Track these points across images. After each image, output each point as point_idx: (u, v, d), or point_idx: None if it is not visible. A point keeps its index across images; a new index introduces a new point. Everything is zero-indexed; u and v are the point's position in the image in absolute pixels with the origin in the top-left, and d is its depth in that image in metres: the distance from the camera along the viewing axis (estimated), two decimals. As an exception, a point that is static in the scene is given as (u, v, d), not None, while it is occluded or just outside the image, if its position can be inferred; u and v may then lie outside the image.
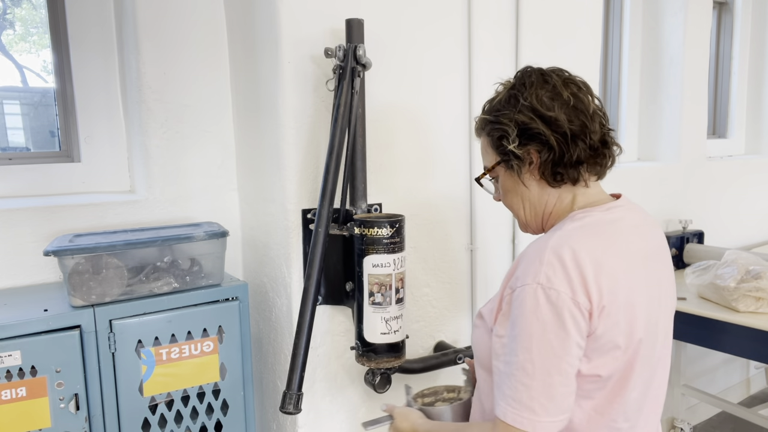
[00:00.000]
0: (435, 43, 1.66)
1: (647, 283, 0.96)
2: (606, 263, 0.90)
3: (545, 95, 0.98)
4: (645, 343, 0.94)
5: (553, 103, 0.98)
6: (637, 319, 0.92)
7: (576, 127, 0.97)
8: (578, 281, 0.87)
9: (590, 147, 0.98)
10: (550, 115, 0.97)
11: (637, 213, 1.04)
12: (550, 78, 1.00)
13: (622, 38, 2.84)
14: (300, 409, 1.26)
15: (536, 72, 1.02)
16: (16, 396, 1.22)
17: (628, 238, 0.97)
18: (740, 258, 2.09)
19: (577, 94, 0.99)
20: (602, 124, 1.01)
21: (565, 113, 0.98)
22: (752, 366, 3.37)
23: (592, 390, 0.92)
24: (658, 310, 0.99)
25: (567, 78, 1.01)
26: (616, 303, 0.89)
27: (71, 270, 1.29)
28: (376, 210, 1.56)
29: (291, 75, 1.44)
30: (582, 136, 0.98)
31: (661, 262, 1.03)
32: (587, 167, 1.01)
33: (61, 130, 1.73)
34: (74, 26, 1.69)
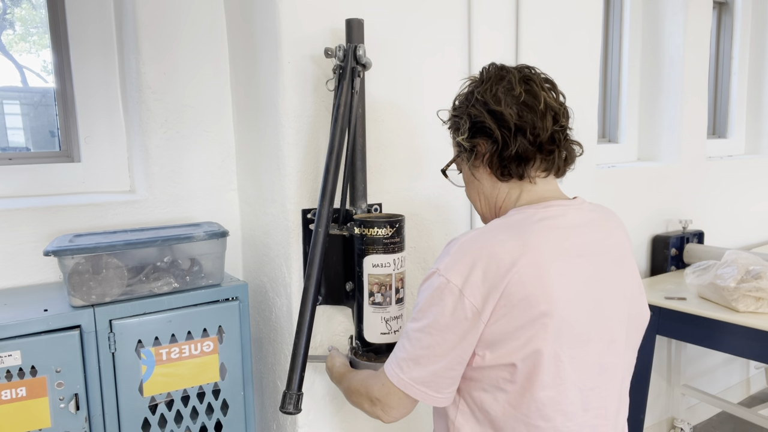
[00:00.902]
0: (435, 42, 1.66)
1: (574, 281, 0.95)
2: (508, 258, 0.92)
3: (499, 90, 1.02)
4: (563, 340, 0.93)
5: (504, 98, 1.01)
6: (549, 315, 0.92)
7: (521, 122, 1.00)
8: (474, 276, 0.93)
9: (533, 143, 1.01)
10: (497, 109, 1.01)
11: (587, 214, 1.04)
12: (507, 74, 1.03)
13: (622, 38, 2.84)
14: (300, 409, 1.26)
15: (496, 67, 1.06)
16: (16, 396, 1.22)
17: (555, 234, 0.97)
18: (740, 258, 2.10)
19: (531, 90, 1.02)
20: (555, 120, 1.02)
21: (514, 108, 1.00)
22: (752, 366, 3.37)
23: (504, 382, 0.96)
24: (595, 305, 0.97)
25: (526, 75, 1.04)
26: (515, 296, 0.91)
27: (71, 270, 1.29)
28: (376, 210, 1.56)
29: (291, 75, 1.44)
30: (526, 130, 1.00)
31: (608, 266, 1.01)
32: (534, 164, 1.03)
33: (61, 130, 1.73)
34: (74, 26, 1.69)
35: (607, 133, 2.91)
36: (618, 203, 2.54)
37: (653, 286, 2.43)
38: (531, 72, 1.05)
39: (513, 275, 0.91)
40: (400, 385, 1.00)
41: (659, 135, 2.85)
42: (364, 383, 1.10)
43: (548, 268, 0.93)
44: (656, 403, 2.84)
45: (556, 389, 0.94)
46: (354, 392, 1.14)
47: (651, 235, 2.70)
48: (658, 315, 2.23)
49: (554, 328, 0.92)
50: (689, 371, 2.98)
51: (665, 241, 2.64)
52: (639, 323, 1.07)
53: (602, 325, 0.98)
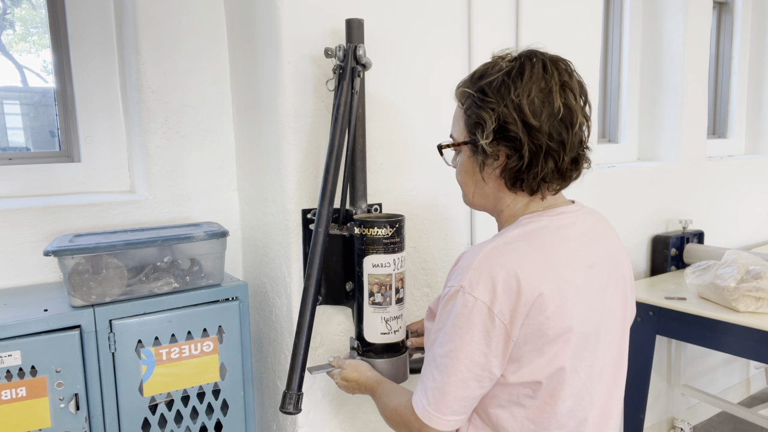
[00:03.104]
0: (435, 42, 1.66)
1: (588, 293, 0.93)
2: (536, 274, 0.88)
3: (537, 96, 0.92)
4: (581, 352, 0.93)
5: (542, 110, 0.92)
6: (571, 331, 0.90)
7: (554, 143, 0.92)
8: (501, 292, 0.87)
9: (558, 168, 0.95)
10: (534, 124, 0.91)
11: (589, 219, 1.01)
12: (551, 77, 0.93)
13: (622, 38, 2.84)
14: (300, 409, 1.26)
15: (540, 63, 0.94)
16: (16, 396, 1.22)
17: (571, 246, 0.94)
18: (740, 258, 2.09)
19: (568, 104, 0.93)
20: (581, 141, 0.96)
21: (549, 125, 0.92)
22: (752, 366, 3.37)
23: (525, 398, 0.93)
24: (601, 315, 0.96)
25: (565, 82, 0.94)
26: (542, 313, 0.88)
27: (71, 270, 1.29)
28: (376, 210, 1.56)
29: (291, 75, 1.44)
30: (555, 154, 0.93)
31: (611, 271, 0.99)
32: (551, 185, 0.98)
33: (61, 130, 1.73)
34: (74, 26, 1.69)
35: (607, 133, 2.91)
36: (618, 203, 2.54)
37: (653, 286, 2.43)
38: (570, 75, 0.96)
39: (539, 293, 0.87)
40: (426, 418, 0.94)
41: (659, 135, 2.85)
42: (399, 411, 1.03)
43: (568, 284, 0.90)
44: (656, 403, 2.84)
45: (573, 399, 0.93)
46: (391, 418, 1.07)
47: (651, 235, 2.70)
48: (658, 315, 2.23)
49: (574, 343, 0.91)
50: (689, 371, 2.98)
51: (665, 241, 2.64)
52: (630, 321, 1.08)
53: (607, 331, 0.98)
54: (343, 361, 1.32)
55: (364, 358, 1.39)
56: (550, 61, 0.95)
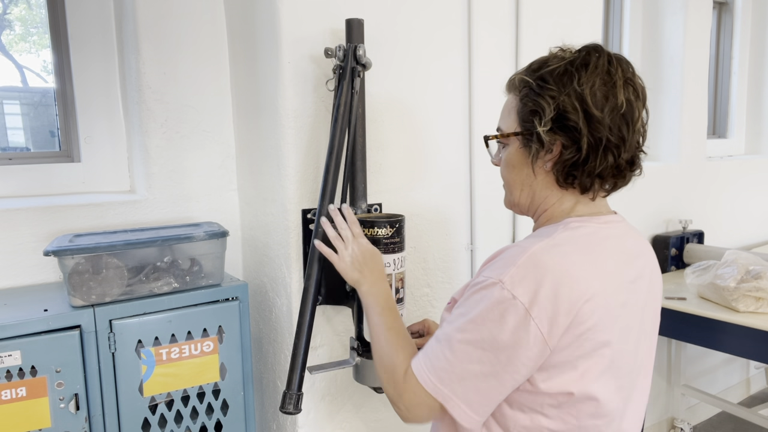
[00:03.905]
0: (435, 42, 1.66)
1: (629, 309, 0.90)
2: (584, 283, 0.84)
3: (600, 89, 0.87)
4: (616, 371, 0.89)
5: (605, 102, 0.87)
6: (609, 345, 0.87)
7: (614, 138, 0.88)
8: (543, 296, 0.82)
9: (617, 165, 0.90)
10: (597, 114, 0.87)
11: (631, 233, 0.98)
12: (615, 71, 0.89)
13: (622, 38, 2.84)
14: (300, 409, 1.26)
15: (605, 57, 0.90)
16: (16, 396, 1.22)
17: (618, 259, 0.91)
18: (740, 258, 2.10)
19: (631, 101, 0.89)
20: (638, 142, 0.92)
21: (611, 119, 0.87)
22: (752, 366, 3.37)
23: (549, 407, 0.88)
24: (638, 334, 0.93)
25: (629, 78, 0.90)
26: (584, 324, 0.84)
27: (71, 270, 1.29)
28: (376, 210, 1.56)
29: (291, 75, 1.44)
30: (615, 149, 0.89)
31: (647, 290, 0.96)
32: (603, 182, 0.93)
33: (61, 130, 1.73)
34: (74, 26, 1.69)
35: (607, 133, 2.91)
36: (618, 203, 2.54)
37: (653, 286, 2.43)
38: (633, 74, 0.92)
39: (586, 303, 0.83)
40: (438, 395, 0.87)
41: (659, 135, 2.85)
42: (397, 374, 0.95)
43: (614, 298, 0.87)
44: (656, 403, 2.84)
45: (602, 418, 0.90)
46: (382, 364, 0.99)
47: (651, 235, 2.70)
48: (658, 315, 2.23)
49: (609, 359, 0.87)
50: (689, 371, 2.98)
51: (665, 241, 2.64)
52: (654, 337, 1.05)
53: (644, 353, 0.96)
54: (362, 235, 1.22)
55: (364, 359, 1.39)
56: (615, 56, 0.91)
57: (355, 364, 1.43)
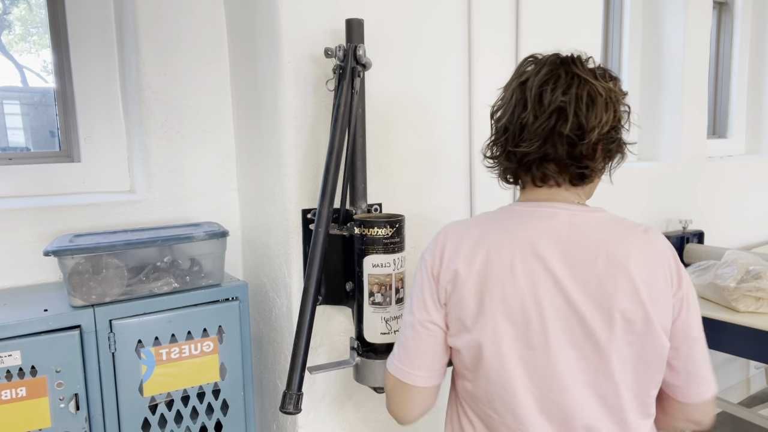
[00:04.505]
0: (435, 42, 1.66)
1: (521, 280, 0.92)
2: (474, 247, 0.95)
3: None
4: (513, 352, 0.92)
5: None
6: (493, 310, 0.93)
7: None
8: (438, 257, 0.99)
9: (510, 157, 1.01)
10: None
11: (568, 218, 0.96)
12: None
13: (622, 38, 2.84)
14: (300, 409, 1.26)
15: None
16: (16, 396, 1.22)
17: (530, 233, 0.94)
18: (740, 258, 2.09)
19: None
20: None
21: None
22: (752, 366, 3.37)
23: (463, 369, 0.99)
24: (540, 313, 0.92)
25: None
26: (467, 285, 0.95)
27: (71, 270, 1.29)
28: (376, 210, 1.56)
29: (291, 75, 1.44)
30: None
31: (579, 272, 0.92)
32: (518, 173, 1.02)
33: (61, 130, 1.73)
34: (74, 26, 1.69)
35: (607, 133, 2.91)
36: (618, 203, 2.54)
37: (653, 286, 2.43)
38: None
39: (465, 262, 1.00)
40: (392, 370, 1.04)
41: (659, 135, 2.85)
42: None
43: (502, 264, 1.01)
44: (656, 403, 2.84)
45: (499, 384, 1.00)
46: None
47: (651, 235, 2.70)
48: (658, 315, 2.22)
49: (501, 324, 0.99)
50: (689, 371, 2.97)
51: (665, 241, 2.64)
52: (618, 332, 1.01)
53: (547, 327, 0.98)
54: None
55: (364, 359, 1.39)
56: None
57: (355, 364, 1.43)
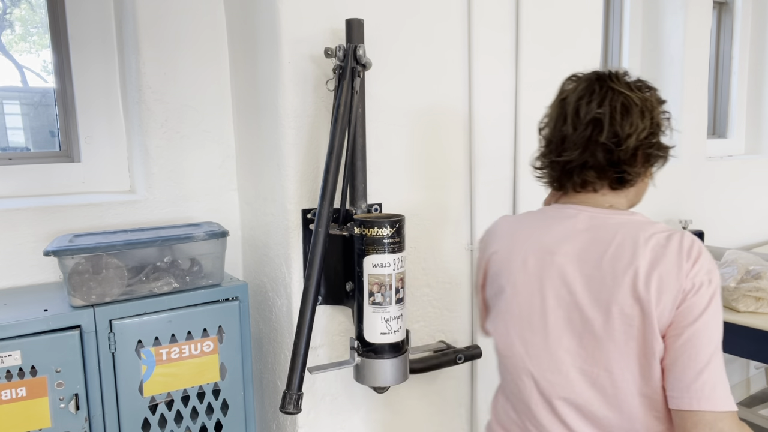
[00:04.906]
0: (435, 42, 1.66)
1: (531, 271, 1.05)
2: (502, 239, 1.12)
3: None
4: (516, 333, 1.07)
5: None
6: (503, 299, 1.09)
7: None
8: (483, 245, 1.18)
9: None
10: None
11: (587, 221, 1.03)
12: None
13: (622, 38, 2.84)
14: (300, 409, 1.26)
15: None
16: (16, 396, 1.22)
17: (549, 231, 1.06)
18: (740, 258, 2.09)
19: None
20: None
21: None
22: (752, 366, 3.37)
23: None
24: (546, 295, 1.03)
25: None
26: (491, 270, 1.14)
27: (71, 270, 1.29)
28: (376, 210, 1.56)
29: (291, 75, 1.44)
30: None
31: (586, 268, 0.99)
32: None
33: (61, 130, 1.73)
34: (74, 26, 1.69)
35: (607, 133, 2.91)
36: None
37: (653, 286, 2.42)
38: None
39: (493, 254, 1.15)
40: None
41: (659, 135, 2.85)
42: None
43: (517, 256, 1.13)
44: (656, 403, 2.84)
45: (508, 359, 1.15)
46: None
47: (651, 235, 2.70)
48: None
49: (512, 304, 1.13)
50: (689, 371, 2.97)
51: (665, 241, 2.63)
52: (619, 322, 1.05)
53: (546, 309, 1.10)
54: None
55: (364, 359, 1.39)
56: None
57: (355, 364, 1.43)
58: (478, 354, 1.72)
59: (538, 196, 1.86)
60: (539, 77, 1.84)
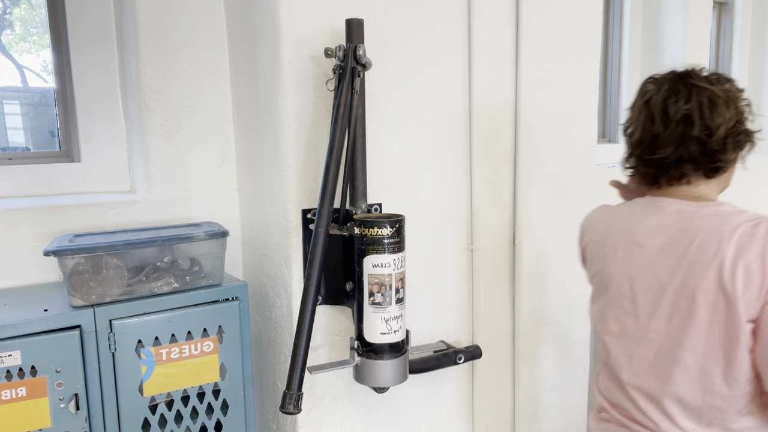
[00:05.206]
0: (435, 43, 1.66)
1: (628, 262, 1.13)
2: (597, 229, 1.22)
3: None
4: (611, 315, 1.16)
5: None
6: (600, 285, 1.19)
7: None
8: (581, 233, 1.29)
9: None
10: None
11: (675, 214, 1.09)
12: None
13: (622, 38, 2.84)
14: (300, 409, 1.26)
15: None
16: (16, 396, 1.22)
17: (639, 222, 1.14)
18: (740, 258, 2.09)
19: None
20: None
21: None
22: None
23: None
24: (637, 282, 1.11)
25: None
26: (587, 257, 1.25)
27: (71, 270, 1.29)
28: (376, 210, 1.56)
29: (291, 75, 1.44)
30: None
31: (672, 257, 1.07)
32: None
33: (61, 130, 1.73)
34: (74, 26, 1.69)
35: (607, 133, 2.91)
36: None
37: (653, 286, 2.42)
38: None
39: (589, 243, 1.26)
40: None
41: (659, 135, 2.85)
42: None
43: (610, 244, 1.22)
44: (656, 403, 2.84)
45: (611, 340, 1.23)
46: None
47: (651, 235, 2.70)
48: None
49: (607, 290, 1.23)
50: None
51: (665, 241, 2.63)
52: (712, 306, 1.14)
53: (635, 293, 1.17)
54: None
55: (364, 359, 1.39)
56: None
57: (355, 364, 1.43)
58: (478, 354, 1.72)
59: (538, 196, 1.87)
60: (539, 76, 1.84)
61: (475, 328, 1.80)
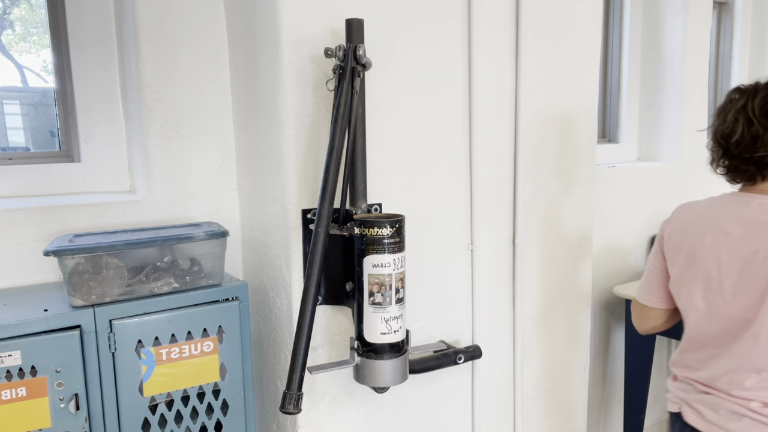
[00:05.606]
0: (435, 43, 1.66)
1: (715, 247, 1.26)
2: (685, 220, 1.33)
3: None
4: (699, 294, 1.28)
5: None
6: (689, 268, 1.30)
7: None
8: (666, 224, 1.39)
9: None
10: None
11: (762, 209, 1.23)
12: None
13: (622, 38, 2.84)
14: (300, 409, 1.26)
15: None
16: (16, 396, 1.22)
17: (725, 214, 1.27)
18: None
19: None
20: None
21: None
22: None
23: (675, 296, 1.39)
24: (720, 267, 1.25)
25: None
26: (674, 246, 1.35)
27: (71, 270, 1.29)
28: (376, 210, 1.56)
29: (291, 75, 1.44)
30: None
31: (755, 243, 1.20)
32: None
33: (61, 130, 1.73)
34: (74, 26, 1.69)
35: (607, 133, 2.91)
36: (618, 203, 2.54)
37: (653, 286, 2.43)
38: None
39: (673, 231, 1.37)
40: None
41: (659, 135, 2.85)
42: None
43: (697, 231, 1.33)
44: (656, 403, 2.84)
45: (693, 319, 1.37)
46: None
47: (651, 235, 2.70)
48: (658, 315, 2.23)
49: (688, 279, 1.36)
50: (689, 371, 2.97)
51: (665, 241, 2.64)
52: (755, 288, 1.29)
53: (721, 275, 1.30)
54: None
55: (364, 359, 1.39)
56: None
57: (355, 364, 1.43)
58: (478, 354, 1.72)
59: (537, 196, 1.87)
60: (539, 76, 1.84)
61: (475, 328, 1.80)
